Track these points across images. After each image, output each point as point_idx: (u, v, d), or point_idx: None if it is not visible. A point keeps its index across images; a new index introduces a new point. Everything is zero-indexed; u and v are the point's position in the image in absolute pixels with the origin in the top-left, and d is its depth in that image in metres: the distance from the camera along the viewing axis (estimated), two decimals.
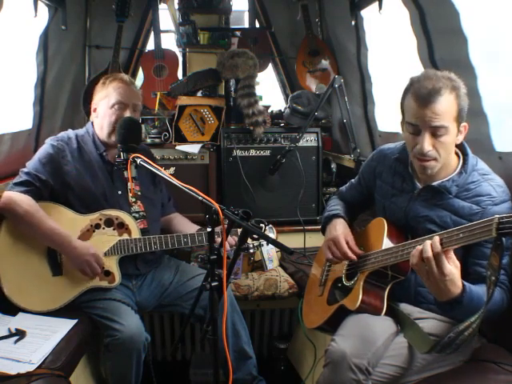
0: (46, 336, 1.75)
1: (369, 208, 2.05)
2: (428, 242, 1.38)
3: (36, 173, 1.95)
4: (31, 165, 1.98)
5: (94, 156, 2.07)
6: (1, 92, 2.35)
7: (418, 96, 1.51)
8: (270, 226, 2.23)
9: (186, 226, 2.24)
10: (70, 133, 2.10)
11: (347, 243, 1.76)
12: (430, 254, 1.36)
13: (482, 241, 1.45)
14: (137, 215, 2.10)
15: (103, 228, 1.99)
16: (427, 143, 1.52)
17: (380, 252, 1.64)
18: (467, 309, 1.39)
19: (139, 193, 2.11)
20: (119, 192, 2.08)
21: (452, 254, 1.36)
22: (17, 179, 1.96)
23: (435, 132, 1.52)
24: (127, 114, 2.02)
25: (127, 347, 1.82)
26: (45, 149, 2.02)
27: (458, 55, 1.94)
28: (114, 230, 2.00)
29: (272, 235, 2.15)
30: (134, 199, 2.10)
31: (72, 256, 1.91)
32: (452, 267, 1.35)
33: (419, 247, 1.40)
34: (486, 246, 1.48)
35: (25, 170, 1.97)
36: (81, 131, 2.13)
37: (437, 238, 1.36)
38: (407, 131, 1.60)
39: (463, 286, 1.40)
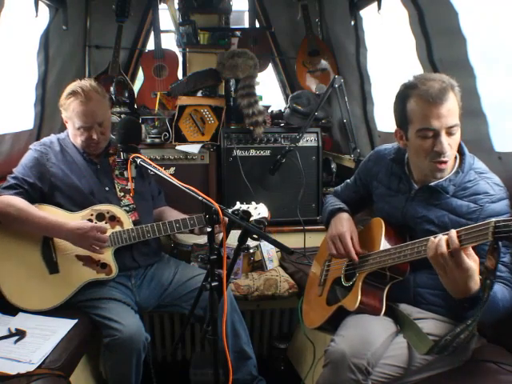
0: (45, 336, 1.75)
1: (364, 209, 2.05)
2: (443, 237, 1.34)
3: (23, 176, 1.98)
4: (18, 170, 2.01)
5: (77, 157, 2.09)
6: (2, 92, 2.35)
7: (429, 97, 1.47)
8: (261, 203, 2.19)
9: (177, 217, 2.22)
10: (52, 137, 2.14)
11: (352, 240, 1.76)
12: (444, 249, 1.33)
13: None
14: (127, 208, 2.11)
15: (95, 223, 2.00)
16: (446, 143, 1.50)
17: (378, 253, 1.65)
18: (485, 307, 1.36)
19: (127, 187, 2.12)
20: (106, 188, 2.10)
21: (471, 250, 1.33)
22: (4, 184, 1.98)
23: (450, 131, 1.51)
24: (94, 134, 2.02)
25: (127, 347, 1.82)
26: (29, 154, 2.05)
27: (457, 55, 1.94)
28: (106, 223, 2.01)
29: (264, 210, 2.13)
30: (122, 193, 2.12)
31: (74, 237, 1.91)
32: (471, 262, 1.32)
33: (435, 240, 1.37)
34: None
35: (12, 175, 2.00)
36: (62, 135, 2.16)
37: (454, 234, 1.32)
38: (419, 138, 1.53)
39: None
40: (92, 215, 2.01)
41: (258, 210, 2.11)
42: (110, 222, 2.02)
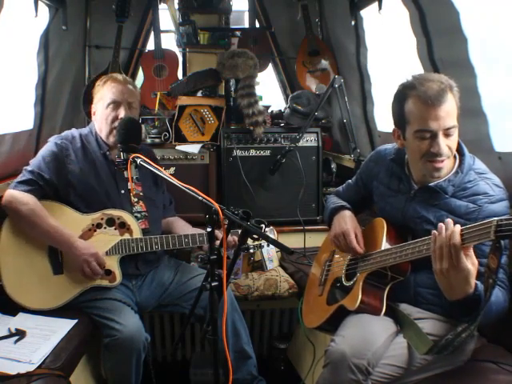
0: (45, 336, 1.75)
1: (365, 210, 2.05)
2: (450, 224, 1.33)
3: (39, 171, 1.95)
4: (35, 163, 1.98)
5: (98, 155, 2.08)
6: (2, 92, 2.34)
7: (427, 98, 1.47)
8: (271, 227, 2.23)
9: (187, 230, 2.21)
10: (74, 132, 2.11)
11: (356, 236, 1.76)
12: (456, 240, 1.31)
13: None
14: (138, 215, 2.09)
15: (105, 227, 1.99)
16: (443, 144, 1.51)
17: (379, 253, 1.65)
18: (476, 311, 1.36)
19: (141, 193, 2.11)
20: (122, 191, 2.09)
21: (471, 252, 1.33)
22: (20, 178, 1.96)
23: (448, 132, 1.51)
24: (122, 112, 2.03)
25: (127, 347, 1.82)
26: (49, 147, 2.02)
27: (458, 55, 1.94)
28: (115, 229, 2.00)
29: (272, 237, 2.15)
30: (136, 199, 2.11)
31: (72, 255, 1.91)
32: (469, 264, 1.32)
33: (441, 231, 1.35)
34: (485, 243, 1.47)
35: (28, 168, 1.97)
36: (84, 130, 2.13)
37: (458, 227, 1.32)
38: (417, 139, 1.54)
39: (476, 286, 1.36)
40: (102, 219, 1.99)
41: None
42: (120, 228, 2.00)
